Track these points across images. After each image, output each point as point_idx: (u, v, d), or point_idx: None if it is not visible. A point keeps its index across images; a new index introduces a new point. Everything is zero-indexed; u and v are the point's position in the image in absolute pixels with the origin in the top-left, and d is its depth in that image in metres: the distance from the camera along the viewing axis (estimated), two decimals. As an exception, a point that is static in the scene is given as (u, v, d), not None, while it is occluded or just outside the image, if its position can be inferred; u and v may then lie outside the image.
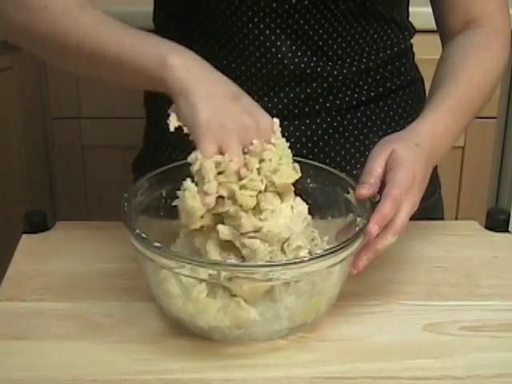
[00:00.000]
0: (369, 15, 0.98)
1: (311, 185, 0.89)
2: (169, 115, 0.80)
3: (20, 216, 0.98)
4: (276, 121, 0.82)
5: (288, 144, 0.81)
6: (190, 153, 0.77)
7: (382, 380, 0.74)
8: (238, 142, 0.77)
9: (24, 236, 0.97)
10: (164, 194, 0.85)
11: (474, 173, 1.88)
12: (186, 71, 0.79)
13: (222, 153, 0.76)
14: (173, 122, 0.79)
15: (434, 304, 0.86)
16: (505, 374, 0.76)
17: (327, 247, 0.81)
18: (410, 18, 1.08)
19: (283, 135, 1.00)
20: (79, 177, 1.86)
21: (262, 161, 0.77)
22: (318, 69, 0.99)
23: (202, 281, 0.74)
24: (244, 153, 0.77)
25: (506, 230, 1.00)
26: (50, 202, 1.87)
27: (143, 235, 0.76)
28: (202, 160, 0.75)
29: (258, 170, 0.77)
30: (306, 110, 1.01)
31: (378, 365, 0.76)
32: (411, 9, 1.07)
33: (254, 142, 0.77)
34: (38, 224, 0.98)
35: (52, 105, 1.79)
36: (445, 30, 1.03)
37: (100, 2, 0.93)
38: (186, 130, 0.78)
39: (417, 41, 1.09)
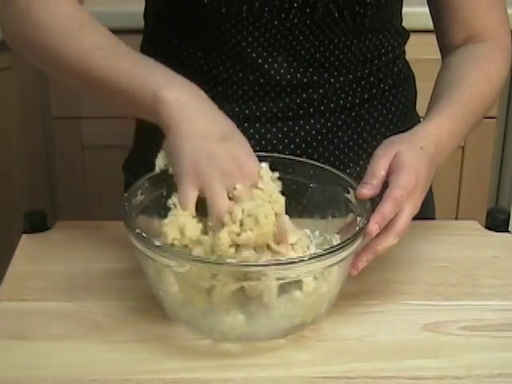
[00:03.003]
0: (365, 30, 0.99)
1: (311, 185, 0.90)
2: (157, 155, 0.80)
3: (20, 216, 0.98)
4: (264, 165, 0.80)
5: (279, 188, 0.79)
6: None
7: (382, 380, 0.75)
8: (220, 186, 0.75)
9: (24, 236, 0.97)
10: (164, 194, 0.85)
11: (474, 173, 1.88)
12: (178, 107, 0.78)
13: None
14: (159, 163, 0.80)
15: (433, 304, 0.86)
16: (505, 373, 0.76)
17: (334, 243, 0.82)
18: (404, 19, 1.08)
19: (277, 137, 1.01)
20: (79, 177, 1.86)
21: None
22: (314, 78, 0.99)
23: (201, 280, 0.74)
24: (229, 198, 0.76)
25: (506, 230, 1.00)
26: (50, 202, 1.87)
27: (143, 234, 0.76)
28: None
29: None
30: (301, 112, 1.01)
31: (378, 365, 0.76)
32: (405, 9, 1.06)
33: (238, 186, 0.76)
34: (38, 224, 0.97)
35: (52, 105, 1.79)
36: (445, 45, 1.03)
37: (101, 2, 0.93)
38: (170, 170, 0.79)
39: (410, 41, 1.10)
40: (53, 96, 1.78)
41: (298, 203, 0.91)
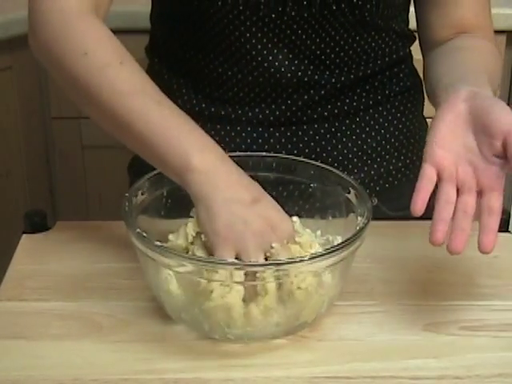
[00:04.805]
0: (367, 26, 0.98)
1: (312, 184, 0.90)
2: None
3: (20, 216, 0.98)
4: (295, 219, 0.82)
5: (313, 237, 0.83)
6: None
7: (382, 380, 0.75)
8: (255, 248, 0.75)
9: (24, 236, 0.97)
10: (165, 194, 0.86)
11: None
12: (209, 176, 0.77)
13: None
14: (189, 231, 0.80)
15: (433, 304, 0.86)
16: (504, 373, 0.76)
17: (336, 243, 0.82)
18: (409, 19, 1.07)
19: (280, 141, 1.01)
20: (79, 177, 1.86)
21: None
22: (316, 77, 0.99)
23: (202, 279, 0.74)
24: (266, 258, 0.76)
25: (506, 230, 1.00)
26: (50, 201, 1.87)
27: (144, 234, 0.76)
28: None
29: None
30: (304, 116, 1.01)
31: (378, 364, 0.76)
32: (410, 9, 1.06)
33: (274, 245, 0.76)
34: (38, 224, 0.97)
35: (52, 105, 1.79)
36: (430, 40, 1.02)
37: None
38: (203, 237, 0.78)
39: (415, 42, 1.09)
40: (53, 96, 1.78)
41: (299, 203, 0.91)
